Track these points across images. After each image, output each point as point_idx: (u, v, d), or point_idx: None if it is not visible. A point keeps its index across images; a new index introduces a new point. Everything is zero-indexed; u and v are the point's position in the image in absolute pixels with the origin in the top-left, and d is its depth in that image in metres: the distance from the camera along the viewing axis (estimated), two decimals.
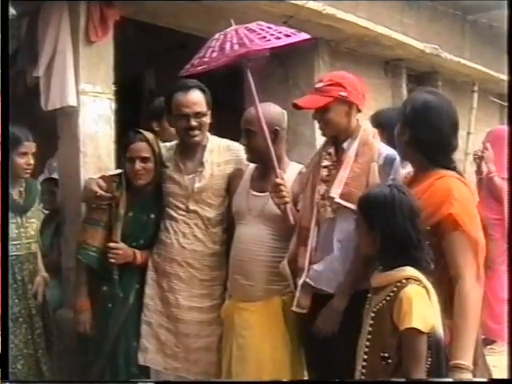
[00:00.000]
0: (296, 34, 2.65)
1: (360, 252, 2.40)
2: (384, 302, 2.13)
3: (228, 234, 3.01)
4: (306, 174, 2.73)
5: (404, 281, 2.10)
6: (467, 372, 2.12)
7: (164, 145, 3.18)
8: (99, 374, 2.98)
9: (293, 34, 2.64)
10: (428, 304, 2.08)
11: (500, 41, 5.33)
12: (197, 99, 2.98)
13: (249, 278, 2.78)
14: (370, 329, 2.16)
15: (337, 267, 2.52)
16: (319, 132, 2.74)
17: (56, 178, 3.83)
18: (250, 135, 2.80)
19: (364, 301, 2.27)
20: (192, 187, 3.01)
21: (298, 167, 2.87)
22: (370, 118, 3.24)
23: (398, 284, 2.11)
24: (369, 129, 2.66)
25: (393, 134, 2.55)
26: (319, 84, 2.62)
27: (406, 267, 2.12)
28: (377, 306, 2.15)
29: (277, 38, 2.59)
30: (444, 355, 2.12)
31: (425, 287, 2.10)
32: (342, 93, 2.55)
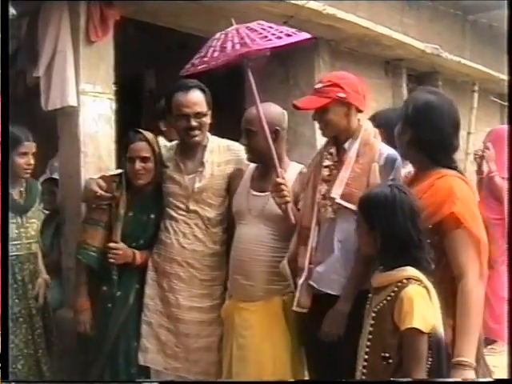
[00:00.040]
0: (297, 33, 2.65)
1: (361, 253, 2.40)
2: (385, 302, 2.12)
3: (228, 233, 3.01)
4: (307, 174, 2.74)
5: (405, 281, 2.10)
6: (470, 369, 2.11)
7: (164, 145, 3.17)
8: (99, 374, 2.98)
9: (294, 33, 2.64)
10: (429, 304, 2.08)
11: (500, 41, 5.32)
12: (197, 99, 2.98)
13: (249, 277, 2.78)
14: (371, 329, 2.16)
15: (338, 268, 2.52)
16: (319, 132, 2.74)
17: (56, 178, 3.83)
18: (250, 135, 2.80)
19: (365, 301, 2.27)
20: (192, 187, 3.01)
21: (299, 167, 2.87)
22: (370, 119, 3.23)
23: (399, 284, 2.11)
24: (370, 129, 2.66)
25: (392, 134, 2.54)
26: (318, 85, 2.62)
27: (406, 267, 2.12)
28: (377, 306, 2.15)
29: (278, 38, 2.59)
30: (445, 355, 2.11)
31: (425, 287, 2.10)
32: (340, 94, 2.55)
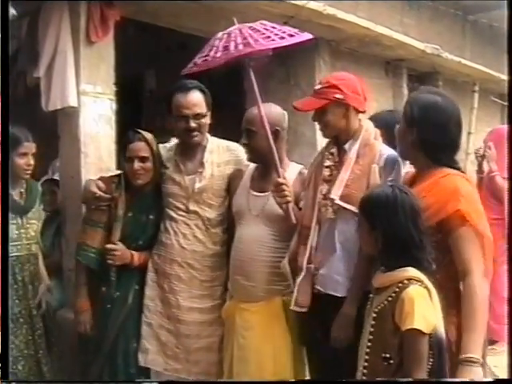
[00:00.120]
0: (300, 33, 2.64)
1: (362, 254, 2.40)
2: (386, 302, 2.12)
3: (228, 234, 3.01)
4: (308, 174, 2.74)
5: (406, 281, 2.10)
6: (478, 366, 2.11)
7: (164, 145, 3.17)
8: (99, 374, 2.98)
9: (296, 33, 2.63)
10: (430, 305, 2.08)
11: (501, 41, 5.31)
12: (196, 100, 2.97)
13: (249, 278, 2.78)
14: (372, 329, 2.16)
15: (341, 268, 2.53)
16: (320, 132, 2.74)
17: (57, 179, 3.83)
18: (251, 135, 2.80)
19: (366, 301, 2.27)
20: (192, 188, 3.00)
21: (298, 167, 2.88)
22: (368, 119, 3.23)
23: (400, 285, 2.10)
24: (370, 129, 2.66)
25: (391, 135, 2.54)
26: (317, 86, 2.63)
27: (407, 268, 2.11)
28: (378, 307, 2.15)
29: (281, 38, 2.58)
30: (446, 355, 2.11)
31: (426, 288, 2.09)
32: (337, 95, 2.55)
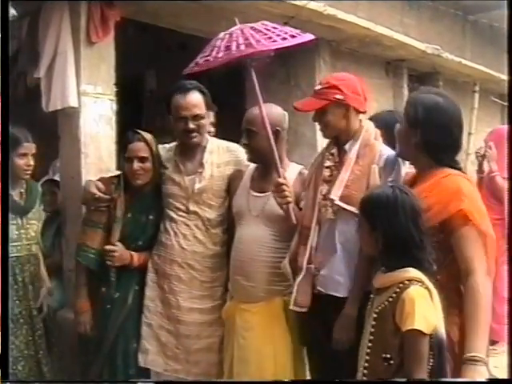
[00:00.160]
0: (301, 34, 2.64)
1: (363, 255, 2.40)
2: (386, 302, 2.12)
3: (228, 234, 3.00)
4: (308, 174, 2.74)
5: (406, 282, 2.09)
6: (482, 364, 2.10)
7: (163, 146, 3.16)
8: (99, 375, 2.98)
9: (298, 34, 2.63)
10: (430, 305, 2.07)
11: (501, 41, 5.31)
12: (196, 101, 2.96)
13: (250, 278, 2.77)
14: (372, 329, 2.15)
15: (342, 269, 2.52)
16: (320, 133, 2.74)
17: (57, 179, 3.83)
18: (251, 135, 2.80)
19: (366, 301, 2.27)
20: (192, 188, 3.00)
21: (298, 167, 2.88)
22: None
23: (401, 285, 2.10)
24: (371, 130, 2.66)
25: (391, 136, 2.54)
26: (317, 87, 2.63)
27: (408, 268, 2.11)
28: (379, 307, 2.15)
29: (283, 39, 2.57)
30: (446, 356, 2.11)
31: (427, 288, 2.09)
32: (337, 96, 2.55)
